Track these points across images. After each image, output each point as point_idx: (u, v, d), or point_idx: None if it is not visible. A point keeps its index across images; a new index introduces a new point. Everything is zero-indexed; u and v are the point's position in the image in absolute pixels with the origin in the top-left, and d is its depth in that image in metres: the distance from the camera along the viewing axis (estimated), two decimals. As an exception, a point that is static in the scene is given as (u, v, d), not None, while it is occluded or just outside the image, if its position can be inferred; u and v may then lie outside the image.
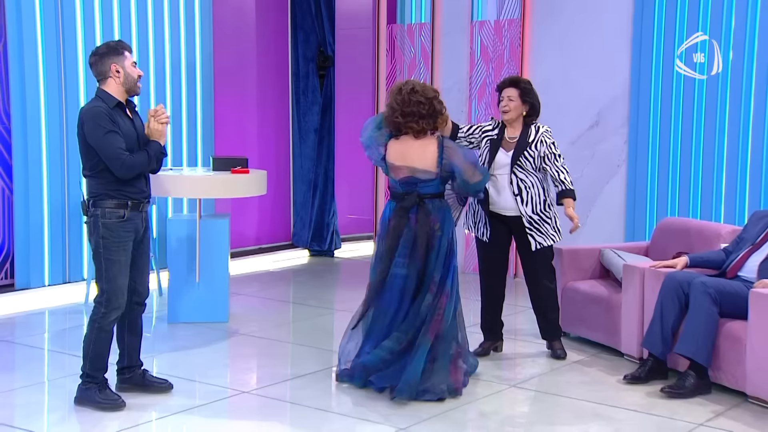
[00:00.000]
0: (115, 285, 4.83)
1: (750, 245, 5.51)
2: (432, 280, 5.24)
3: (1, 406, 4.94)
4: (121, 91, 4.84)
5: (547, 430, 4.77)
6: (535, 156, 5.78)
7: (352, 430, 4.64)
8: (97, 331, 4.85)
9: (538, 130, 5.83)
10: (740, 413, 4.96)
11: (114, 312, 4.85)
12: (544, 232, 5.82)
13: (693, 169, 7.65)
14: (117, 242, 4.81)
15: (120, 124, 4.79)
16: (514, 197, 5.80)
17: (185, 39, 8.52)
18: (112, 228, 4.81)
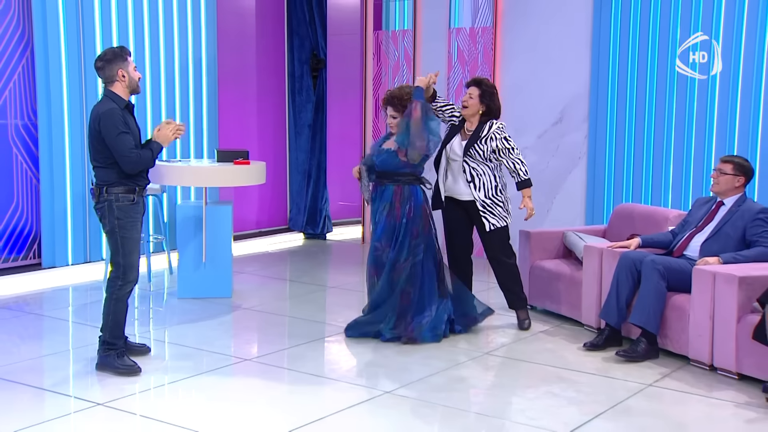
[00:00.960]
0: (130, 260, 4.90)
1: (693, 228, 5.56)
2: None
3: (31, 371, 4.96)
4: (126, 92, 4.91)
5: (516, 392, 4.82)
6: (485, 149, 5.78)
7: (343, 392, 4.63)
8: (115, 302, 4.91)
9: (491, 127, 5.82)
10: (683, 374, 5.03)
11: (130, 284, 4.92)
12: (497, 214, 5.83)
13: (645, 160, 7.67)
14: (131, 222, 4.89)
15: (129, 124, 4.86)
16: (467, 184, 5.83)
17: (192, 43, 8.47)
18: (125, 210, 4.88)
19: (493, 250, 5.96)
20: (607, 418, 4.31)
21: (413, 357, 5.30)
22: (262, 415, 4.34)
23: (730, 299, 4.94)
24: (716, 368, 5.05)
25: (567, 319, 6.20)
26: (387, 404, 4.48)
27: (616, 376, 4.98)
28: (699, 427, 4.33)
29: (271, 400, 4.57)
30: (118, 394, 4.56)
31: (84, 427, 4.17)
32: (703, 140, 7.31)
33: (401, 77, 9.13)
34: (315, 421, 4.19)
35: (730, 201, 5.49)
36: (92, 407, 4.37)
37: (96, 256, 7.75)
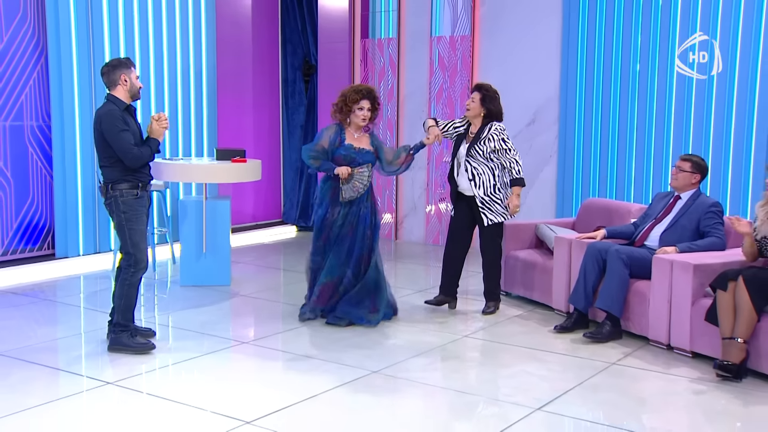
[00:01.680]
0: (139, 249, 4.93)
1: (653, 220, 5.59)
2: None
3: (47, 352, 4.97)
4: (127, 96, 4.91)
5: (493, 371, 4.85)
6: (485, 149, 5.79)
7: (333, 372, 4.62)
8: (128, 287, 4.93)
9: (490, 129, 5.83)
10: (644, 353, 5.08)
11: (141, 271, 4.95)
12: (494, 210, 5.85)
13: (609, 158, 7.71)
14: (136, 215, 4.91)
15: (129, 124, 4.87)
16: (468, 181, 5.87)
17: (193, 51, 8.47)
18: (130, 204, 4.90)
19: (485, 243, 5.99)
20: (575, 394, 4.34)
21: (398, 339, 5.33)
22: (258, 393, 4.34)
23: (685, 285, 4.99)
24: (673, 347, 5.10)
25: (539, 305, 6.23)
26: (374, 383, 4.49)
27: (583, 355, 5.01)
28: (656, 400, 4.36)
29: (266, 379, 4.58)
30: (127, 373, 4.58)
31: (95, 404, 4.17)
32: (662, 140, 7.37)
33: (387, 82, 9.13)
34: (307, 399, 4.19)
35: (686, 195, 5.52)
36: (103, 386, 4.38)
37: (105, 247, 7.74)
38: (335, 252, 5.65)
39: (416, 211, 9.12)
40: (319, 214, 5.72)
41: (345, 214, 5.64)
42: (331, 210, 5.66)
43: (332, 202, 5.66)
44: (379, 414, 4.10)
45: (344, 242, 5.66)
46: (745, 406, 4.27)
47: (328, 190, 5.70)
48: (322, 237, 5.69)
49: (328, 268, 5.65)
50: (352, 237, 5.66)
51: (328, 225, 5.66)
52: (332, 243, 5.67)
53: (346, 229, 5.65)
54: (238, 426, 3.83)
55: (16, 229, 7.44)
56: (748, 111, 6.91)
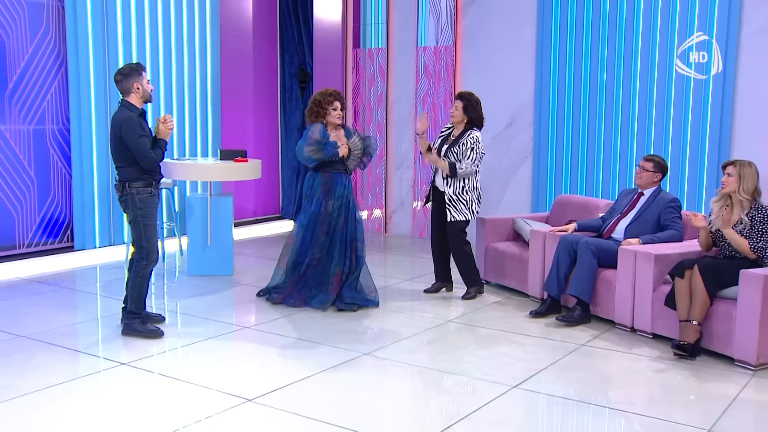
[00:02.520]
0: (151, 243, 4.94)
1: (619, 214, 5.63)
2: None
3: (66, 335, 4.98)
4: (140, 101, 4.91)
5: (473, 352, 4.84)
6: (458, 152, 5.83)
7: (327, 355, 4.63)
8: (140, 279, 4.94)
9: (468, 135, 5.86)
10: (610, 335, 5.13)
11: (152, 263, 4.96)
12: (459, 209, 5.87)
13: (580, 158, 7.72)
14: (150, 211, 4.92)
15: (145, 128, 4.88)
16: (443, 179, 5.92)
17: (199, 60, 8.45)
18: (145, 201, 4.91)
19: (450, 237, 6.02)
20: (548, 373, 4.38)
21: (387, 324, 5.34)
22: (259, 373, 4.35)
23: (647, 273, 5.04)
24: (636, 330, 5.15)
25: (516, 292, 6.25)
26: (365, 364, 4.50)
27: (555, 338, 5.06)
28: (621, 377, 4.41)
29: (266, 361, 4.59)
30: (140, 355, 4.60)
31: (111, 383, 4.19)
32: (627, 141, 7.39)
33: (376, 88, 9.13)
34: (303, 379, 4.22)
35: (649, 192, 5.56)
36: (118, 366, 4.40)
37: (118, 240, 7.74)
38: (341, 243, 5.66)
39: (404, 207, 9.15)
40: (313, 210, 5.68)
41: (339, 206, 5.64)
42: (324, 204, 5.64)
43: (325, 196, 5.64)
44: (369, 392, 4.13)
45: (344, 233, 5.67)
46: (699, 382, 4.33)
47: (320, 186, 5.67)
48: (322, 231, 5.65)
49: (338, 259, 5.64)
50: (346, 228, 5.68)
51: (324, 219, 5.64)
52: (332, 235, 5.65)
53: (342, 220, 5.66)
54: (241, 403, 3.85)
55: (38, 223, 7.46)
56: (702, 114, 6.95)
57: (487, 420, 3.72)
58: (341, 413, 3.76)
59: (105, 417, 3.72)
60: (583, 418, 3.76)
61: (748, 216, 4.78)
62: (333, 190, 5.66)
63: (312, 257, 5.68)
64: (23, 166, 7.34)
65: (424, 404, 4.02)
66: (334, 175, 5.71)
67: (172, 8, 8.19)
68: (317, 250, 5.67)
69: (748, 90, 6.74)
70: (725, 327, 4.61)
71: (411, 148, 8.97)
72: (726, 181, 4.84)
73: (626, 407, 3.89)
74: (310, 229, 5.68)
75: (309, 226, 5.68)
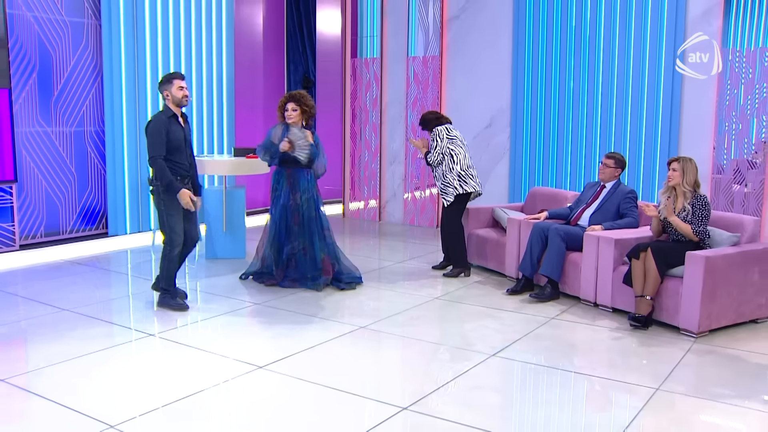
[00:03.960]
0: (174, 231, 4.92)
1: (584, 204, 5.65)
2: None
3: (102, 310, 5.02)
4: (173, 105, 4.89)
5: (457, 325, 4.87)
6: (434, 148, 5.97)
7: (329, 328, 4.64)
8: (167, 261, 4.97)
9: (433, 132, 6.01)
10: (576, 310, 5.16)
11: (176, 248, 4.94)
12: (448, 194, 5.97)
13: (551, 155, 7.75)
14: (173, 204, 4.89)
15: (170, 131, 4.82)
16: (434, 178, 6.05)
17: (216, 69, 8.48)
18: (167, 194, 4.88)
19: (444, 221, 6.10)
20: (522, 342, 4.41)
21: (381, 302, 5.33)
22: (268, 344, 4.37)
23: (608, 255, 5.07)
24: (598, 304, 5.18)
25: (494, 272, 6.27)
26: (362, 336, 4.53)
27: (529, 312, 5.08)
28: (585, 345, 4.44)
29: (275, 333, 4.58)
30: (166, 327, 4.63)
31: (141, 351, 4.23)
32: (591, 141, 7.43)
33: (372, 93, 9.12)
34: (308, 349, 4.23)
35: (610, 184, 5.59)
36: (147, 337, 4.44)
37: (146, 227, 7.78)
38: (317, 231, 5.55)
39: (396, 198, 9.17)
40: (282, 202, 5.50)
41: (307, 198, 5.49)
42: (292, 196, 5.48)
43: (291, 189, 5.48)
44: (366, 360, 4.16)
45: (316, 222, 5.55)
46: (650, 348, 4.38)
47: (285, 180, 5.51)
48: (294, 221, 5.49)
49: (320, 244, 5.56)
50: (317, 218, 5.55)
51: (294, 210, 5.49)
52: (307, 225, 5.52)
53: (312, 211, 5.54)
54: (253, 370, 3.88)
55: (78, 213, 7.52)
56: (655, 116, 7.01)
57: (470, 384, 3.76)
58: (341, 378, 3.77)
59: (136, 380, 3.77)
60: (552, 381, 3.81)
61: (690, 204, 4.83)
62: (297, 184, 5.48)
63: (293, 247, 5.55)
64: (65, 164, 7.39)
65: (414, 370, 4.04)
66: (297, 171, 5.50)
67: (192, 24, 8.21)
68: (298, 242, 5.54)
69: (694, 95, 6.82)
70: (673, 301, 4.66)
71: (402, 146, 9.00)
72: (671, 175, 4.87)
73: (589, 371, 3.93)
74: (283, 220, 5.52)
75: (282, 218, 5.52)
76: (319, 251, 5.59)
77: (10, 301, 5.27)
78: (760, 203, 6.55)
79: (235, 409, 3.41)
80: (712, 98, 6.73)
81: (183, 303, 5.05)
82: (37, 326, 4.64)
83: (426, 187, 8.87)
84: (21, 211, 7.06)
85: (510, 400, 3.66)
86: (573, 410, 3.44)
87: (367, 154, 9.31)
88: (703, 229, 4.79)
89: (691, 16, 6.80)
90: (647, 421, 3.34)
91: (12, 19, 6.83)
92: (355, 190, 9.50)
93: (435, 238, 7.81)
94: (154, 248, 7.20)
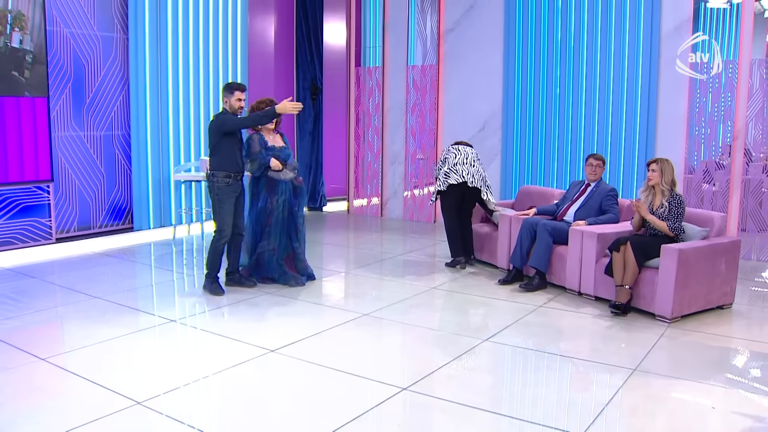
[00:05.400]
0: (225, 223, 4.99)
1: (570, 201, 5.66)
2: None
3: (128, 297, 5.05)
4: (230, 111, 4.99)
5: (453, 313, 4.85)
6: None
7: (335, 315, 4.63)
8: (213, 249, 5.04)
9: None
10: (562, 299, 5.16)
11: (224, 238, 5.02)
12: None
13: (539, 156, 7.75)
14: (226, 197, 4.96)
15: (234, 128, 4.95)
16: None
17: (231, 76, 8.44)
18: (222, 189, 4.94)
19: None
20: (513, 328, 4.42)
21: (383, 291, 5.31)
22: (279, 329, 4.36)
23: (591, 248, 5.08)
24: (582, 293, 5.18)
25: (488, 264, 6.25)
26: (366, 322, 4.52)
27: (519, 300, 5.08)
28: (570, 331, 4.45)
29: (284, 320, 4.56)
30: (187, 313, 4.66)
31: (164, 335, 4.23)
32: (576, 143, 7.42)
33: (374, 99, 9.12)
34: (315, 334, 4.24)
35: (594, 183, 5.59)
36: (169, 323, 4.46)
37: (167, 222, 7.80)
38: (287, 232, 5.37)
39: (396, 196, 9.17)
40: (260, 206, 5.28)
41: (283, 201, 5.30)
42: (270, 200, 5.27)
43: (270, 194, 5.27)
44: (369, 345, 4.15)
45: (290, 223, 5.38)
46: (628, 332, 4.40)
47: (265, 185, 5.27)
48: (269, 222, 5.28)
49: (286, 244, 5.38)
50: (290, 218, 5.38)
51: (270, 213, 5.27)
52: (279, 226, 5.31)
53: (285, 213, 5.34)
54: (265, 353, 3.89)
55: (106, 209, 7.57)
56: (633, 121, 7.03)
57: (465, 366, 3.77)
58: (346, 361, 3.78)
59: (159, 361, 3.79)
60: (540, 364, 3.82)
61: (667, 201, 4.83)
62: (276, 188, 5.27)
63: (263, 248, 5.33)
64: (96, 164, 7.44)
65: (414, 354, 4.04)
66: (275, 175, 5.29)
67: (210, 36, 8.22)
68: (269, 242, 5.32)
69: (668, 102, 6.85)
70: (649, 290, 4.67)
71: (402, 148, 9.02)
72: (651, 175, 4.87)
73: (573, 354, 3.95)
74: (260, 222, 5.32)
75: (259, 220, 5.31)
76: (283, 250, 5.39)
77: (48, 289, 5.31)
78: (726, 201, 6.58)
79: (248, 389, 3.43)
80: (684, 105, 6.77)
81: (219, 288, 5.09)
82: (72, 312, 4.69)
83: (424, 186, 8.88)
84: (57, 207, 7.12)
85: (501, 380, 3.67)
86: (558, 390, 3.47)
87: (369, 155, 9.33)
88: (678, 225, 4.81)
89: (664, 31, 6.82)
90: (625, 398, 3.37)
91: (51, 35, 6.90)
92: (358, 188, 9.53)
93: (432, 233, 7.84)
94: (175, 242, 7.23)
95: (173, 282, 5.57)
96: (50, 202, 6.89)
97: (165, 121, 7.77)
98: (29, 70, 6.56)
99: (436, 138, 8.64)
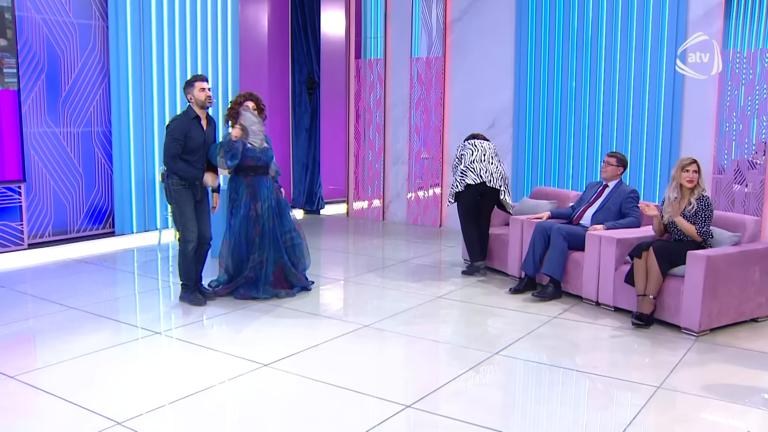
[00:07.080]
0: (186, 228, 5.00)
1: (587, 204, 5.66)
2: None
3: (109, 308, 5.02)
4: (197, 107, 4.98)
5: (460, 324, 4.89)
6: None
7: (333, 326, 4.66)
8: (182, 257, 5.05)
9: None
10: (578, 309, 5.16)
11: (189, 243, 5.01)
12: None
13: (553, 155, 7.75)
14: (183, 201, 4.97)
15: (191, 132, 4.92)
16: None
17: (221, 69, 8.47)
18: (179, 192, 4.97)
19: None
20: (525, 341, 4.40)
21: (385, 300, 5.33)
22: (273, 342, 4.35)
23: (610, 255, 5.07)
24: (600, 303, 5.17)
25: (498, 271, 6.25)
26: (367, 334, 4.53)
27: (531, 311, 5.07)
28: (587, 344, 4.44)
29: (279, 331, 4.56)
30: (172, 326, 4.65)
31: (147, 348, 4.24)
32: (593, 140, 7.42)
33: (375, 94, 9.14)
34: (313, 347, 4.23)
35: (612, 184, 5.59)
36: (153, 335, 4.46)
37: (152, 226, 7.80)
38: (274, 242, 5.26)
39: (399, 198, 9.18)
40: (242, 213, 5.18)
41: (267, 207, 5.22)
42: (253, 206, 5.18)
43: (251, 199, 5.18)
44: (370, 358, 4.15)
45: (276, 231, 5.27)
46: (652, 347, 4.38)
47: (244, 190, 5.19)
48: (255, 232, 5.18)
49: (275, 256, 5.29)
50: (274, 227, 5.27)
51: (255, 221, 5.19)
52: (266, 235, 5.23)
53: (271, 221, 5.25)
54: (258, 368, 3.88)
55: (85, 212, 7.55)
56: (657, 116, 7.01)
57: (473, 382, 3.76)
58: (345, 376, 3.77)
59: (143, 377, 3.78)
60: (554, 380, 3.81)
61: (695, 200, 4.81)
62: (258, 193, 5.19)
63: (254, 259, 5.23)
64: (73, 163, 7.42)
65: (418, 369, 4.04)
66: (256, 179, 5.21)
67: (198, 25, 8.22)
68: (258, 254, 5.23)
69: (695, 96, 6.81)
70: (674, 300, 4.66)
71: (406, 146, 9.01)
72: (693, 177, 4.82)
73: (591, 370, 3.93)
74: (243, 232, 5.21)
75: (242, 230, 5.21)
76: (272, 263, 5.32)
77: (18, 299, 5.30)
78: (761, 203, 6.54)
79: (239, 407, 3.42)
80: (713, 99, 6.73)
81: (200, 298, 5.10)
82: (45, 324, 4.67)
83: (429, 187, 8.87)
84: (29, 210, 7.10)
85: (513, 397, 3.65)
86: (575, 408, 3.45)
87: (371, 154, 9.33)
88: (707, 229, 4.79)
89: (692, 17, 6.79)
90: (649, 419, 3.34)
91: (21, 21, 6.87)
92: (359, 189, 9.52)
93: (438, 238, 7.83)
94: (160, 247, 7.23)
95: (158, 291, 5.55)
96: (22, 204, 6.88)
97: (149, 117, 7.75)
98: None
99: (441, 136, 8.61)
